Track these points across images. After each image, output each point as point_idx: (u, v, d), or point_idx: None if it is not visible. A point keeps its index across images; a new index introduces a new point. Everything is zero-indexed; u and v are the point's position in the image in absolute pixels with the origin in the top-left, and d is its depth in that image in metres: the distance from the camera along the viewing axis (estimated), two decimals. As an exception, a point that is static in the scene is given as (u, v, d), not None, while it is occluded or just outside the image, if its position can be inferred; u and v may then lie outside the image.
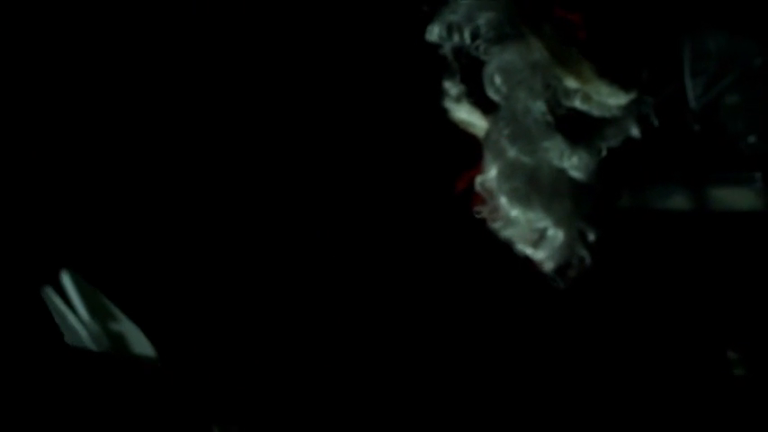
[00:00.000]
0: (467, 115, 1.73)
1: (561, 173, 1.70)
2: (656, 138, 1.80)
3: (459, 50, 1.71)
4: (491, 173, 1.70)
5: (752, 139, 1.80)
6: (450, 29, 1.69)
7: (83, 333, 1.67)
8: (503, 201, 1.70)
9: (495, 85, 1.67)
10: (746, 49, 1.79)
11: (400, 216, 1.75)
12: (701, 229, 1.81)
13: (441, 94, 1.75)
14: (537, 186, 1.69)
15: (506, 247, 1.73)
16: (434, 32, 1.69)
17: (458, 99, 1.73)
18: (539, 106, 1.66)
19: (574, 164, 1.68)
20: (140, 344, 1.67)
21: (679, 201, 1.82)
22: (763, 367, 1.72)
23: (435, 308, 1.74)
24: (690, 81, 1.81)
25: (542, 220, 1.70)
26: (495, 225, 1.71)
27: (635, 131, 1.71)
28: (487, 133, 1.70)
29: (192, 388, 1.63)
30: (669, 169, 1.83)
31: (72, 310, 1.66)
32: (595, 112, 1.68)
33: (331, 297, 1.70)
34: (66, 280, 1.65)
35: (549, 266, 1.72)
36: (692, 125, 1.82)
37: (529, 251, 1.72)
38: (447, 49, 1.72)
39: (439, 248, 1.76)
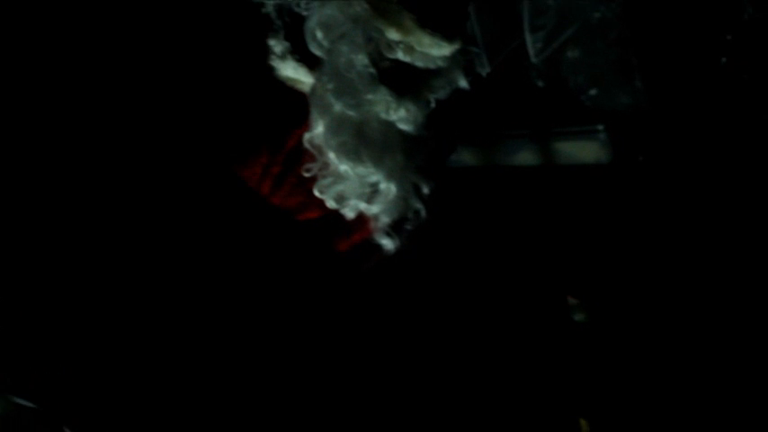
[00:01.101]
0: (293, 72, 1.80)
1: (390, 126, 1.76)
2: (499, 93, 1.86)
3: (282, 7, 1.78)
4: (318, 129, 1.77)
5: (593, 92, 1.87)
6: (271, -14, 1.75)
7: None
8: (331, 156, 1.76)
9: (317, 40, 1.74)
10: (585, 3, 1.86)
11: (229, 179, 1.81)
12: (546, 182, 1.87)
13: (265, 52, 1.80)
14: (366, 140, 1.75)
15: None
16: (256, -9, 1.76)
17: (282, 56, 1.79)
18: (361, 59, 1.72)
19: (401, 116, 1.75)
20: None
21: (524, 156, 1.90)
22: (601, 312, 1.78)
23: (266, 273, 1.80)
24: (530, 36, 1.87)
25: (373, 175, 1.76)
26: (326, 181, 1.75)
27: (462, 82, 1.78)
28: (312, 89, 1.75)
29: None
30: (513, 125, 1.89)
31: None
32: (419, 63, 1.75)
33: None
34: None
35: (384, 221, 1.78)
36: (534, 80, 1.89)
37: (362, 206, 1.77)
38: (270, 7, 1.78)
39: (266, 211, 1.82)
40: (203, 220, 1.81)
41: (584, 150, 1.86)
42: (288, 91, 1.82)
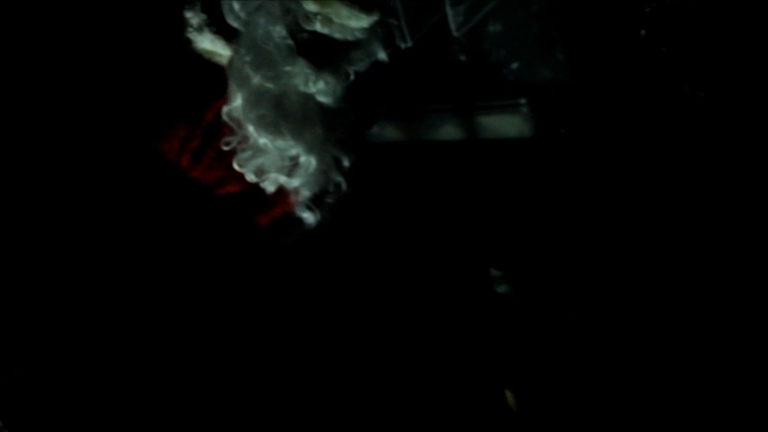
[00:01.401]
0: (210, 45, 1.80)
1: (309, 98, 1.77)
2: (421, 67, 1.88)
3: (198, -21, 1.77)
4: (237, 102, 1.77)
5: (515, 65, 1.89)
6: (185, -42, 1.75)
7: None
8: (250, 129, 1.76)
9: (234, 11, 1.75)
10: (508, -24, 1.87)
11: (149, 153, 1.81)
12: (470, 157, 1.89)
13: (182, 24, 1.79)
14: (285, 113, 1.76)
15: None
16: (171, -37, 1.76)
17: (199, 29, 1.79)
18: (279, 31, 1.73)
19: (320, 89, 1.76)
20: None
21: (447, 130, 1.91)
22: (524, 284, 1.80)
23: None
24: (451, 10, 1.89)
25: (293, 148, 1.77)
26: (245, 155, 1.76)
27: (381, 54, 1.79)
28: (230, 61, 1.76)
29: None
30: (436, 99, 1.90)
31: None
32: (337, 35, 1.76)
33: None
34: None
35: (304, 194, 1.78)
36: (456, 54, 1.90)
37: (282, 180, 1.78)
38: (186, -21, 1.77)
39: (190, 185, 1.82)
40: (124, 195, 1.80)
41: (506, 124, 1.88)
42: (205, 64, 1.82)
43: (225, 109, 1.78)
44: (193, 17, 1.81)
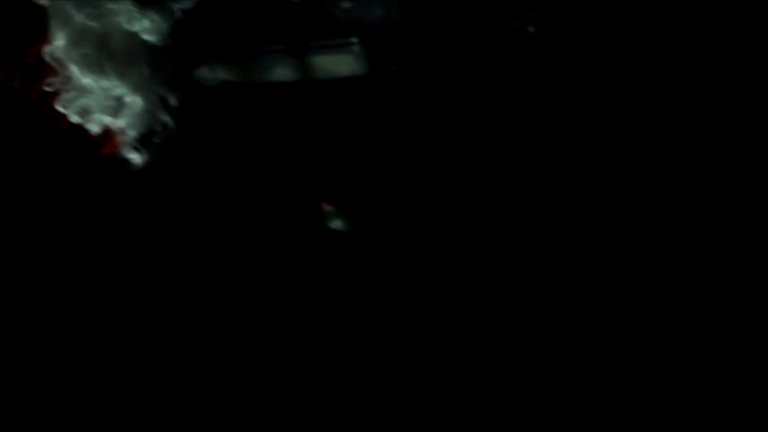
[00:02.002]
0: (30, -16, 1.80)
1: (134, 37, 1.79)
2: (253, 7, 1.91)
3: None
4: (59, 41, 1.78)
5: (346, 4, 1.93)
6: None
7: None
8: (74, 69, 1.78)
9: (53, -52, 1.74)
10: None
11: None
12: (303, 97, 1.94)
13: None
14: (109, 52, 1.78)
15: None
16: None
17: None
18: (100, -32, 1.73)
19: (145, 27, 1.79)
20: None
21: (280, 71, 1.95)
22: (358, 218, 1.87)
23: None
24: (282, -50, 1.91)
25: (118, 87, 1.80)
26: (69, 95, 1.78)
27: (207, -6, 1.82)
28: (52, 0, 1.77)
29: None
30: (268, 40, 1.94)
31: None
32: (161, -28, 1.77)
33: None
34: None
35: (131, 134, 1.81)
36: (287, -5, 1.94)
37: (108, 120, 1.80)
38: None
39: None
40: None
41: (339, 63, 1.93)
42: (25, 4, 1.81)
43: (47, 49, 1.77)
44: (12, -44, 1.79)
